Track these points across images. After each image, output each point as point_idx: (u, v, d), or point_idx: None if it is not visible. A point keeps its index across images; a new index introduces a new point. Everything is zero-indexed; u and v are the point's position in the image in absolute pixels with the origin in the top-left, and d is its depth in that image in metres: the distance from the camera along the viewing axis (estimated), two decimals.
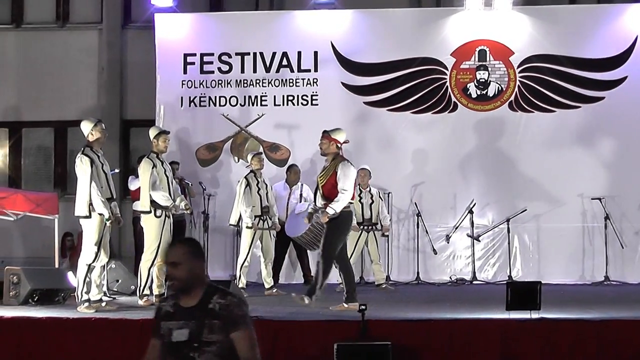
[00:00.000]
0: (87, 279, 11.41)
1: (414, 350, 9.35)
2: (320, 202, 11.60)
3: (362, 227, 14.61)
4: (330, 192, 11.39)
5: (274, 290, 13.94)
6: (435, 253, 15.84)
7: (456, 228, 15.86)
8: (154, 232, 12.20)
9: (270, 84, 16.57)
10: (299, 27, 16.84)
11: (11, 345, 9.90)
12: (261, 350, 6.00)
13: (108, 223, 11.35)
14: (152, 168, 12.19)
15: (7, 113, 19.10)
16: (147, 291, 12.22)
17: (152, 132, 12.56)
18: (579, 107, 16.15)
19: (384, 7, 16.93)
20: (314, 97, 16.49)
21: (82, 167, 11.35)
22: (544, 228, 15.98)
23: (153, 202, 12.15)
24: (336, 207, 11.27)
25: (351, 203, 11.55)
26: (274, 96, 16.55)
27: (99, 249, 11.36)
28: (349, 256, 14.55)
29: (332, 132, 11.71)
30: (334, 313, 10.76)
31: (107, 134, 11.97)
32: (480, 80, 16.30)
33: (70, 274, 12.69)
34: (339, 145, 11.65)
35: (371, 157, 16.02)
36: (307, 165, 16.26)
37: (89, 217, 11.30)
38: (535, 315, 9.60)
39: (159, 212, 12.18)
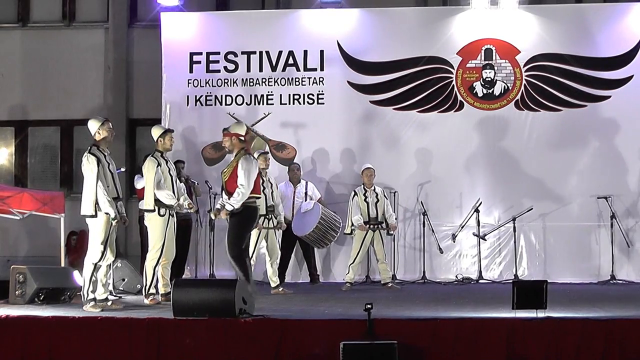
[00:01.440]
0: (94, 278, 11.43)
1: (420, 349, 9.35)
2: (224, 197, 11.59)
3: (368, 226, 14.58)
4: (232, 187, 11.46)
5: (280, 289, 13.92)
6: (442, 252, 15.84)
7: (462, 227, 15.84)
8: (158, 231, 12.26)
9: (276, 83, 16.58)
10: (305, 26, 16.83)
11: (17, 344, 9.91)
12: (267, 349, 5.89)
13: (114, 223, 11.36)
14: (157, 167, 12.27)
15: (13, 112, 19.12)
16: (153, 290, 12.27)
17: (156, 132, 12.62)
18: (586, 106, 16.14)
19: (390, 6, 16.94)
20: (320, 96, 16.49)
21: (88, 166, 11.36)
22: (550, 227, 15.98)
23: (157, 201, 12.22)
24: (234, 203, 11.33)
25: (257, 197, 11.59)
26: (280, 95, 16.55)
27: (105, 248, 11.36)
28: (356, 255, 14.60)
29: (230, 128, 11.83)
30: (340, 312, 10.75)
31: (115, 133, 12.00)
32: (487, 79, 16.29)
33: (76, 273, 12.70)
34: (242, 138, 11.63)
35: (377, 156, 16.06)
36: (310, 164, 16.30)
37: (95, 216, 11.31)
38: (541, 314, 9.59)
39: (162, 211, 12.24)
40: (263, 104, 16.58)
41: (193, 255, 15.88)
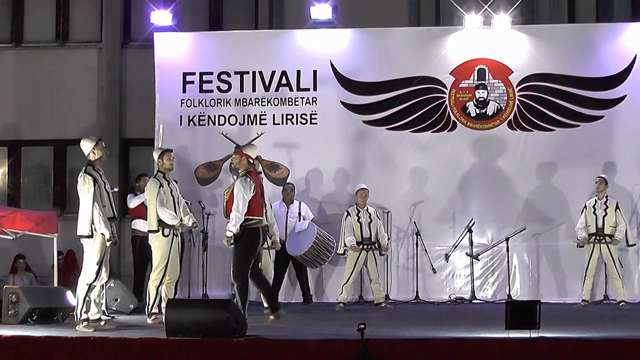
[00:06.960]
0: (87, 298, 11.42)
1: None
2: (225, 218, 11.65)
3: (361, 246, 14.58)
4: (230, 209, 11.53)
5: None
6: (435, 272, 15.80)
7: (455, 247, 15.82)
8: (161, 251, 12.30)
9: (269, 103, 16.59)
10: (298, 46, 16.85)
11: None
12: None
13: (108, 244, 11.37)
14: (159, 187, 12.32)
15: (6, 132, 19.12)
16: (155, 310, 12.31)
17: (156, 153, 12.71)
18: (578, 125, 16.16)
19: (383, 26, 16.99)
20: (313, 116, 16.50)
21: (85, 186, 11.39)
22: (543, 247, 15.98)
23: (160, 221, 12.24)
24: (231, 228, 11.45)
25: (255, 219, 11.56)
26: (273, 115, 16.56)
27: (100, 268, 11.38)
28: (349, 276, 14.58)
29: (244, 148, 11.93)
30: (334, 332, 10.74)
31: (108, 153, 12.03)
32: (480, 99, 16.32)
33: (69, 293, 12.69)
34: (251, 160, 11.71)
35: (370, 176, 16.05)
36: (303, 184, 16.28)
37: (91, 236, 11.32)
38: (534, 334, 9.58)
39: (166, 231, 12.27)
40: (256, 123, 16.57)
41: (186, 275, 15.80)
